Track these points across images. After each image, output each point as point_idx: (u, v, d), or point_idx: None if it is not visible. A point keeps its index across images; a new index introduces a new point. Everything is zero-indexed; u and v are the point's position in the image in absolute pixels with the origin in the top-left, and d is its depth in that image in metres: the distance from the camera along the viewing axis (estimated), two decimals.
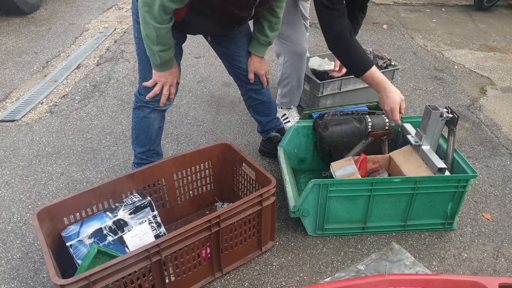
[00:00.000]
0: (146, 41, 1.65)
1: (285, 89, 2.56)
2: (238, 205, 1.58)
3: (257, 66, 2.01)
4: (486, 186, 2.23)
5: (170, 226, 1.94)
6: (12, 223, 1.96)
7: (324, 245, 1.86)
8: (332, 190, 1.75)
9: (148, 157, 2.01)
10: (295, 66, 2.43)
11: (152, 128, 1.94)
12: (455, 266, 1.77)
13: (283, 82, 2.54)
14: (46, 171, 2.30)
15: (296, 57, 2.40)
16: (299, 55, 2.39)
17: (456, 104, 3.03)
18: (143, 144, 1.99)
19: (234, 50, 1.97)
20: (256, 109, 2.22)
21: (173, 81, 1.81)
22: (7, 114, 2.82)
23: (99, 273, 1.32)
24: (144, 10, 1.55)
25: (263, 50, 1.99)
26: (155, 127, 1.95)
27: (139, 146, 2.00)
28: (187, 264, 1.56)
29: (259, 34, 1.93)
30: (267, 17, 1.87)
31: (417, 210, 1.86)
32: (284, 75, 2.49)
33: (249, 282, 1.69)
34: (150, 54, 1.69)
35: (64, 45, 3.91)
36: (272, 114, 2.29)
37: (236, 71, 2.04)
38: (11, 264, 1.76)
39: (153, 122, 1.93)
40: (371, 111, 2.12)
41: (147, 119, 1.91)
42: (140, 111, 1.90)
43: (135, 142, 2.00)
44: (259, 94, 2.14)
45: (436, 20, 4.85)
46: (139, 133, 1.96)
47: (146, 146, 1.99)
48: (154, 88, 1.80)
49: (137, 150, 2.01)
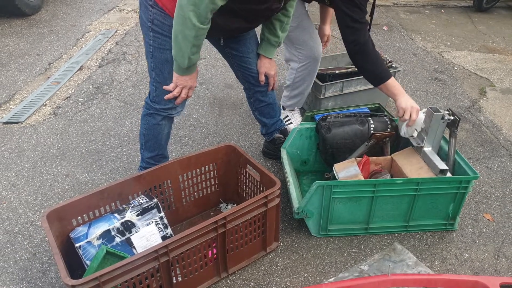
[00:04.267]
0: (180, 43, 1.60)
1: (295, 92, 2.56)
2: (244, 206, 1.61)
3: (268, 67, 2.03)
4: (487, 187, 2.26)
5: (175, 227, 1.96)
6: (19, 224, 1.98)
7: (327, 246, 1.89)
8: (335, 192, 1.78)
9: (156, 161, 2.02)
10: (310, 70, 2.42)
11: (162, 134, 1.96)
12: (457, 266, 1.80)
13: (294, 85, 2.52)
14: (51, 172, 2.32)
15: (312, 61, 2.38)
16: (315, 59, 2.38)
17: (456, 106, 3.06)
18: (152, 149, 2.00)
19: (244, 52, 1.98)
20: (262, 111, 2.24)
21: (192, 85, 1.81)
22: (11, 116, 2.84)
23: (109, 273, 1.34)
24: (189, 9, 1.50)
25: (273, 51, 2.00)
26: (165, 133, 1.98)
27: (148, 151, 2.01)
28: (194, 265, 1.58)
29: (270, 35, 1.94)
30: (279, 17, 1.87)
31: (419, 211, 1.89)
32: (297, 78, 2.47)
33: (254, 282, 1.72)
34: (180, 57, 1.65)
35: (66, 47, 3.92)
36: (277, 116, 2.31)
37: (245, 73, 2.06)
38: (20, 265, 1.78)
39: (164, 129, 1.95)
40: (373, 113, 2.15)
41: (158, 125, 1.92)
42: (151, 117, 1.91)
43: (144, 147, 2.01)
44: (266, 96, 2.16)
45: (435, 21, 4.89)
46: (148, 138, 1.97)
47: (155, 151, 2.01)
48: (174, 91, 1.79)
49: (146, 155, 2.03)
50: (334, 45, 4.06)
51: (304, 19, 2.30)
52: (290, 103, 2.63)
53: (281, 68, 3.54)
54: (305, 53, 2.36)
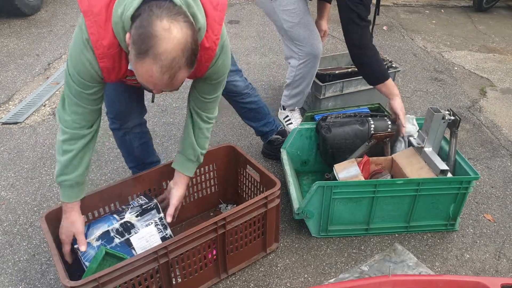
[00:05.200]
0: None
1: (296, 90, 2.54)
2: (244, 207, 1.60)
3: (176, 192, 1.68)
4: (487, 187, 2.25)
5: (175, 228, 1.95)
6: (18, 225, 1.98)
7: (328, 247, 1.88)
8: (336, 192, 1.77)
9: (140, 170, 1.94)
10: (310, 67, 2.41)
11: (132, 147, 1.90)
12: (458, 267, 1.79)
13: (294, 83, 2.50)
14: (50, 173, 2.31)
15: (312, 58, 2.37)
16: (315, 56, 2.37)
17: (456, 106, 3.05)
18: (130, 160, 2.00)
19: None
20: (246, 115, 2.26)
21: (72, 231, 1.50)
22: (10, 117, 2.83)
23: (108, 275, 1.33)
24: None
25: (193, 168, 1.68)
26: (135, 145, 1.90)
27: (128, 162, 2.01)
28: (193, 266, 1.57)
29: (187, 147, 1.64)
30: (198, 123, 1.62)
31: (419, 212, 1.88)
32: (297, 76, 2.44)
33: (254, 283, 1.71)
34: None
35: (65, 47, 3.91)
36: (265, 119, 2.29)
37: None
38: (18, 266, 1.77)
39: (132, 143, 1.88)
40: (374, 114, 2.14)
41: (123, 140, 1.88)
42: (114, 133, 1.86)
43: (124, 159, 2.01)
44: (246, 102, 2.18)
45: (435, 21, 4.88)
46: (123, 151, 1.96)
47: (133, 162, 2.00)
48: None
49: (128, 165, 2.03)
50: (334, 45, 4.05)
51: (305, 16, 2.29)
52: (291, 102, 2.62)
53: (280, 68, 3.53)
54: (305, 50, 2.34)
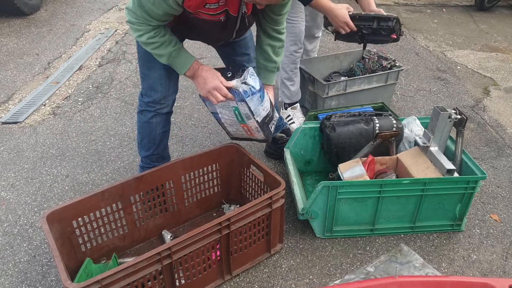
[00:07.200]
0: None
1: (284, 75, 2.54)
2: (249, 207, 1.58)
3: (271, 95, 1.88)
4: (493, 187, 2.23)
5: (177, 228, 1.93)
6: (18, 226, 1.95)
7: (332, 247, 1.85)
8: (341, 192, 1.75)
9: (153, 161, 1.98)
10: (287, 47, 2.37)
11: (155, 133, 1.91)
12: (465, 268, 1.77)
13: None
14: (51, 173, 2.28)
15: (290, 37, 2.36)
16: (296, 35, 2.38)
17: (460, 105, 3.03)
18: (147, 148, 1.97)
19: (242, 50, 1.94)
20: None
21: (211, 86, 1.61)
22: (10, 116, 2.80)
23: (111, 277, 1.31)
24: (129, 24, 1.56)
25: (273, 77, 1.89)
26: (158, 131, 1.92)
27: (144, 150, 1.98)
28: (197, 267, 1.55)
29: (265, 62, 1.83)
30: (270, 42, 1.78)
31: (425, 212, 1.85)
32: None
33: (259, 284, 1.69)
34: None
35: (65, 46, 3.89)
36: None
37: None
38: (19, 267, 1.75)
39: (156, 127, 1.90)
40: (378, 112, 2.12)
41: (149, 123, 1.88)
42: (142, 115, 1.88)
43: (140, 146, 1.99)
44: None
45: (437, 20, 4.86)
46: (143, 137, 1.94)
47: (150, 150, 1.97)
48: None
49: (142, 153, 2.00)
50: (336, 44, 4.02)
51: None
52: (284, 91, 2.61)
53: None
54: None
